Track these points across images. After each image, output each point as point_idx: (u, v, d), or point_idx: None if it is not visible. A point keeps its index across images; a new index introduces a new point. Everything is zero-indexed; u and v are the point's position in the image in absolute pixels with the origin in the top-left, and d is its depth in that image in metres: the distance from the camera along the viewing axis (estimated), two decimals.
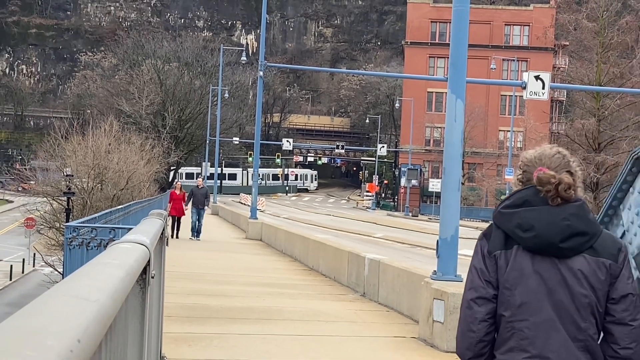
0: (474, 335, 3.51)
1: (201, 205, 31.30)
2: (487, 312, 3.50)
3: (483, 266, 3.56)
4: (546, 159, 3.58)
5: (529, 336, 3.43)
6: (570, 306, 3.42)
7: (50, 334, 1.49)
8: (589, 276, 3.44)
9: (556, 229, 3.42)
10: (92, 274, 2.40)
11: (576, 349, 3.40)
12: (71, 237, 12.24)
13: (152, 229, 5.25)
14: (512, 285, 3.47)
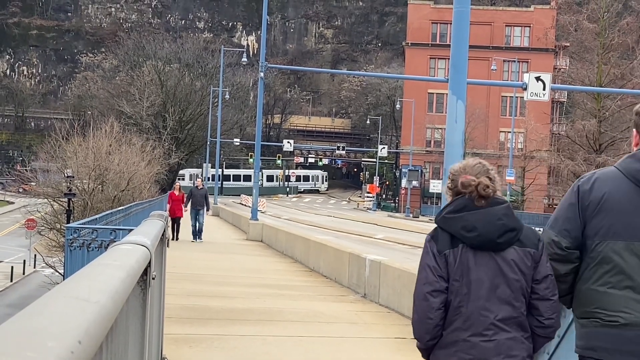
0: (431, 321, 4.16)
1: (200, 206, 30.52)
2: (441, 302, 4.15)
3: (435, 264, 4.18)
4: (469, 168, 4.30)
5: (471, 318, 4.10)
6: (506, 290, 4.13)
7: (51, 335, 1.49)
8: (519, 264, 4.16)
9: (494, 228, 4.12)
10: (92, 275, 2.40)
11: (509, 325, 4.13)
12: (72, 238, 12.25)
13: (153, 230, 5.25)
14: (459, 277, 4.13)
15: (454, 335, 4.13)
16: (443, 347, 4.18)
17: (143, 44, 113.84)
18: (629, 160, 4.03)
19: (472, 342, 4.10)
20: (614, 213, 3.98)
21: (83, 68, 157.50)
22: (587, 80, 66.55)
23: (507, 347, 4.10)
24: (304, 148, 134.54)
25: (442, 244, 4.18)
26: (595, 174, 4.13)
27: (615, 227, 3.97)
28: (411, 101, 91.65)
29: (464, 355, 4.10)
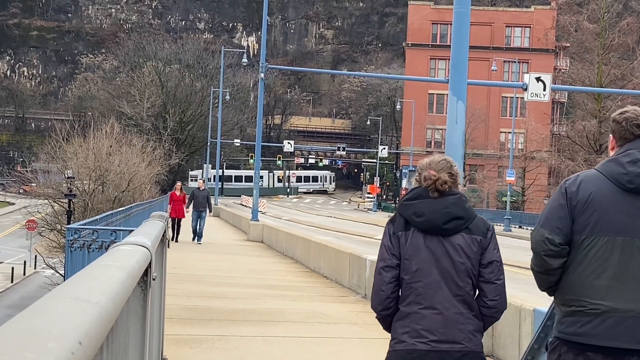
0: (383, 293, 4.70)
1: (202, 207, 29.85)
2: (392, 277, 4.68)
3: (390, 244, 4.72)
4: (434, 164, 4.80)
5: (422, 293, 4.62)
6: (452, 271, 4.63)
7: (51, 336, 1.48)
8: (465, 249, 4.65)
9: (439, 215, 4.65)
10: (93, 276, 2.40)
11: (456, 302, 4.62)
12: (72, 239, 12.24)
13: (154, 231, 5.24)
14: (410, 256, 4.65)
15: (408, 308, 4.65)
16: (400, 319, 4.68)
17: (143, 45, 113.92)
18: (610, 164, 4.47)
19: (423, 314, 4.61)
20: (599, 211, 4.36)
21: (83, 69, 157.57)
22: (588, 80, 66.53)
23: (454, 321, 4.59)
24: (304, 149, 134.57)
25: (397, 227, 4.76)
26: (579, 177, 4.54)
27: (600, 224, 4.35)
28: (411, 102, 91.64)
29: (415, 325, 4.61)
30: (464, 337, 4.60)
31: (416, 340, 4.58)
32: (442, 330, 4.57)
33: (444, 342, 4.56)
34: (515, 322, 9.68)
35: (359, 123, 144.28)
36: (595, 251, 4.34)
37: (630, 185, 4.35)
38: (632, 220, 4.33)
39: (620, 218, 4.33)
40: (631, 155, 4.42)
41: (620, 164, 4.42)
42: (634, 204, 4.34)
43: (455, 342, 4.58)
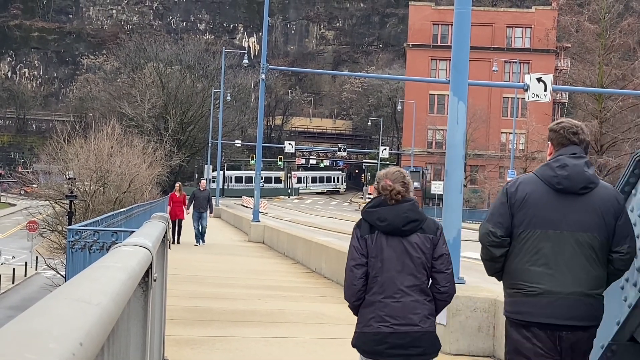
0: (355, 287, 5.62)
1: (203, 209, 29.21)
2: (362, 273, 5.56)
3: (358, 245, 5.59)
4: (389, 175, 5.67)
5: (383, 284, 5.51)
6: (411, 265, 5.51)
7: (52, 337, 1.49)
8: (420, 246, 5.54)
9: (400, 219, 5.51)
10: (94, 277, 2.40)
11: (413, 291, 5.50)
12: (74, 240, 12.25)
13: (155, 232, 5.25)
14: (375, 255, 5.53)
15: (373, 297, 5.55)
16: (366, 307, 5.62)
17: (144, 46, 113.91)
18: (544, 168, 5.30)
19: (385, 302, 5.51)
20: (534, 209, 5.19)
21: (84, 70, 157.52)
22: (589, 81, 66.49)
23: (411, 307, 5.50)
24: (305, 149, 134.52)
25: (363, 230, 5.62)
26: (519, 179, 5.39)
27: (534, 219, 5.18)
28: (412, 102, 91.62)
29: (379, 312, 5.53)
30: (420, 320, 5.51)
31: (381, 325, 5.53)
32: (401, 315, 5.49)
33: (403, 325, 5.49)
34: None
35: (359, 124, 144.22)
36: (531, 242, 5.17)
37: (559, 187, 5.19)
38: (562, 216, 5.15)
39: (552, 214, 5.16)
40: (560, 160, 5.25)
41: (551, 168, 5.25)
42: (563, 202, 5.16)
43: (413, 324, 5.50)
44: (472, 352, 10.36)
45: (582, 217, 5.17)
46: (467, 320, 10.38)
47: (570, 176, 5.21)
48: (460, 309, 10.39)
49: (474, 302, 10.44)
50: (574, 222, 5.16)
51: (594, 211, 5.18)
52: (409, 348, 5.51)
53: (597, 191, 5.25)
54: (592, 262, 5.13)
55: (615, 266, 5.18)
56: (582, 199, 5.20)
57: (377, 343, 5.58)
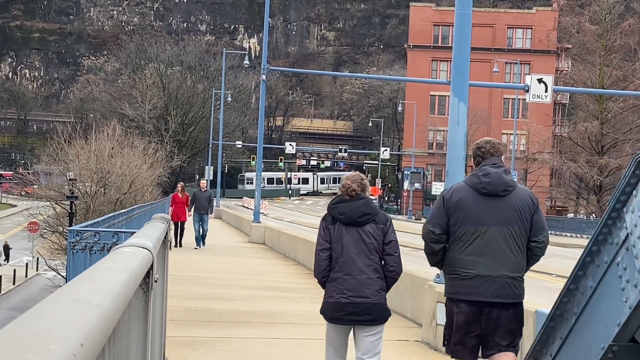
0: (321, 267, 6.97)
1: (204, 210, 27.90)
2: (327, 256, 6.92)
3: (324, 233, 6.94)
4: (350, 177, 7.11)
5: (343, 265, 6.84)
6: (365, 249, 6.84)
7: (53, 338, 1.49)
8: (372, 234, 6.88)
9: (355, 213, 6.87)
10: (95, 278, 2.40)
11: (367, 270, 6.82)
12: (74, 241, 12.24)
13: (155, 233, 5.25)
14: (337, 241, 6.88)
15: (335, 275, 6.91)
16: (330, 282, 6.97)
17: (145, 47, 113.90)
18: (472, 177, 6.68)
19: (344, 279, 6.86)
20: (465, 210, 6.53)
21: (85, 71, 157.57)
22: (589, 82, 66.48)
23: (365, 283, 6.82)
24: (306, 150, 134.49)
25: (327, 222, 6.99)
26: (453, 188, 6.81)
27: (466, 219, 6.51)
28: (413, 103, 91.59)
29: (339, 286, 6.88)
30: (371, 294, 6.85)
31: (340, 296, 6.88)
32: (356, 289, 6.82)
33: (357, 297, 6.83)
34: None
35: (360, 125, 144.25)
36: (465, 236, 6.52)
37: (484, 191, 6.57)
38: (488, 215, 6.50)
39: (479, 214, 6.51)
40: (484, 170, 6.68)
41: (477, 176, 6.66)
42: (488, 203, 6.53)
43: (365, 297, 6.84)
44: None
45: (503, 214, 6.53)
46: None
47: (492, 182, 6.60)
48: None
49: None
50: (498, 219, 6.52)
51: (513, 209, 6.55)
52: (361, 315, 6.90)
53: (515, 193, 6.64)
54: (513, 250, 6.52)
55: (534, 252, 6.66)
56: (503, 199, 6.58)
57: (337, 310, 6.97)
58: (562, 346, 5.39)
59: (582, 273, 5.31)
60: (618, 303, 5.23)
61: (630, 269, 5.22)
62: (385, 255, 6.93)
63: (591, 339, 5.18)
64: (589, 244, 5.25)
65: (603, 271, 5.19)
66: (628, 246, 5.04)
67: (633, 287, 5.10)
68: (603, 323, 5.12)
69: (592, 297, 5.22)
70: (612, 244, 5.18)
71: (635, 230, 5.28)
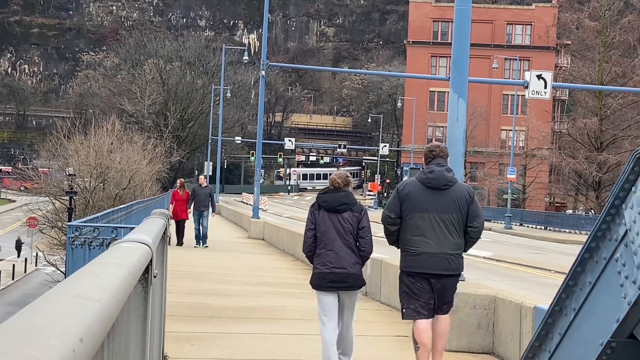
0: (307, 243, 8.52)
1: (204, 207, 26.58)
2: (312, 235, 8.47)
3: (311, 217, 8.52)
4: (337, 174, 8.71)
5: (326, 243, 8.35)
6: (342, 231, 8.34)
7: (53, 333, 1.49)
8: (349, 220, 8.37)
9: (335, 202, 8.40)
10: (94, 273, 2.40)
11: (345, 247, 8.32)
12: (73, 236, 12.25)
13: (155, 228, 5.25)
14: (320, 224, 8.40)
15: (320, 251, 8.44)
16: (316, 257, 8.48)
17: (144, 42, 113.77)
18: (421, 174, 8.29)
19: (327, 254, 8.39)
20: (414, 200, 8.18)
21: (84, 66, 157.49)
22: (589, 78, 66.44)
23: (343, 257, 8.36)
24: (305, 146, 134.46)
25: (315, 208, 8.55)
26: (405, 182, 8.49)
27: (415, 206, 8.16)
28: (412, 99, 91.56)
29: (323, 259, 8.41)
30: (348, 265, 8.39)
31: (324, 268, 8.41)
32: (336, 262, 8.38)
33: (337, 268, 8.37)
34: (516, 319, 9.69)
35: (360, 120, 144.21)
36: (413, 221, 8.17)
37: (429, 185, 8.20)
38: (431, 204, 8.13)
39: (425, 203, 8.16)
40: (430, 168, 8.27)
41: (425, 173, 8.29)
42: (432, 195, 8.17)
43: (343, 268, 8.38)
44: (472, 349, 10.37)
45: (444, 204, 8.16)
46: (467, 317, 10.39)
47: (435, 178, 8.20)
48: (460, 306, 10.39)
49: (473, 299, 10.45)
50: (439, 207, 8.14)
51: (452, 200, 8.17)
52: (340, 283, 8.41)
53: (455, 187, 8.25)
54: (452, 233, 8.15)
55: (470, 236, 8.25)
56: (444, 192, 8.20)
57: (320, 279, 8.46)
58: (561, 342, 5.40)
59: (580, 269, 5.32)
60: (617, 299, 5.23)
61: (629, 265, 5.23)
62: (359, 238, 8.45)
63: (590, 335, 5.19)
64: (587, 240, 5.26)
65: (602, 267, 5.19)
66: (627, 242, 5.05)
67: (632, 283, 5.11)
68: (602, 319, 5.13)
69: (591, 293, 5.23)
70: (610, 240, 5.18)
71: (634, 227, 5.29)
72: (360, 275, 8.48)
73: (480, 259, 28.14)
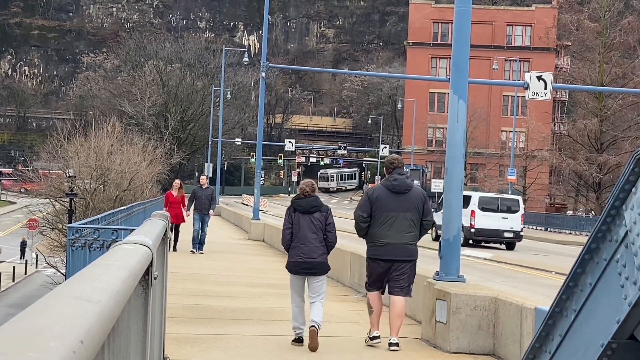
0: (286, 239, 10.54)
1: (205, 210, 24.96)
2: (289, 232, 10.44)
3: (288, 218, 10.48)
4: (305, 182, 10.73)
5: (300, 238, 10.36)
6: (314, 228, 10.36)
7: (53, 335, 1.49)
8: (319, 218, 10.40)
9: (307, 205, 10.38)
10: (94, 275, 2.40)
11: (314, 241, 10.32)
12: (74, 238, 12.26)
13: (155, 230, 5.25)
14: (296, 223, 10.40)
15: (295, 244, 10.40)
16: (292, 249, 10.45)
17: (144, 44, 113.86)
18: (385, 181, 10.45)
19: (300, 246, 10.34)
20: (381, 202, 10.27)
21: (84, 68, 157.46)
22: (589, 79, 66.47)
23: (313, 249, 10.33)
24: (305, 148, 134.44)
25: (290, 210, 10.49)
26: (374, 188, 10.66)
27: (382, 207, 10.26)
28: (412, 100, 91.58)
29: (297, 251, 10.37)
30: (317, 256, 10.38)
31: (298, 257, 10.39)
32: (308, 253, 10.34)
33: (309, 258, 10.35)
34: (516, 321, 9.69)
35: (360, 122, 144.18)
36: (381, 218, 10.30)
37: (394, 190, 10.34)
38: (395, 205, 10.28)
39: (391, 205, 10.29)
40: (394, 176, 10.46)
41: (389, 180, 10.47)
42: (395, 198, 10.32)
43: (313, 258, 10.35)
44: (473, 350, 10.37)
45: (405, 204, 10.38)
46: (468, 319, 10.39)
47: (398, 184, 10.43)
48: (460, 307, 10.39)
49: (474, 300, 10.45)
50: (402, 207, 10.37)
51: (411, 201, 10.42)
52: (310, 269, 10.43)
53: (413, 191, 10.52)
54: (411, 227, 10.40)
55: (424, 227, 10.58)
56: (405, 195, 10.43)
57: (296, 266, 10.50)
58: (561, 343, 5.40)
59: (581, 270, 5.32)
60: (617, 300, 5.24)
61: (630, 266, 5.23)
62: (326, 232, 10.47)
63: (590, 336, 5.19)
64: (588, 242, 5.26)
65: (602, 268, 5.19)
66: (627, 243, 5.05)
67: (632, 285, 5.11)
68: (602, 320, 5.13)
69: (591, 295, 5.24)
70: (611, 242, 5.18)
71: (634, 228, 5.29)
72: (326, 263, 10.56)
73: (480, 260, 28.15)
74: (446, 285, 10.80)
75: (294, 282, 10.69)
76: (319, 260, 10.36)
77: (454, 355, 10.18)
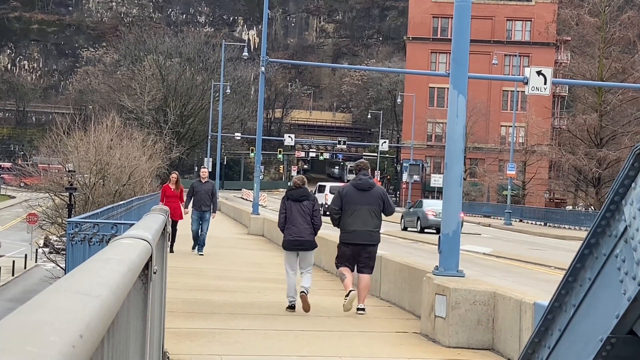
0: (281, 222, 13.09)
1: (205, 206, 22.48)
2: (284, 217, 13.01)
3: (284, 205, 13.06)
4: (297, 177, 13.65)
5: (292, 221, 12.91)
6: (303, 213, 12.94)
7: (53, 329, 1.49)
8: (307, 206, 13.02)
9: (298, 195, 13.03)
10: (94, 270, 2.40)
11: (304, 223, 12.92)
12: (73, 232, 12.26)
13: (154, 225, 5.25)
14: (289, 209, 12.99)
15: (288, 225, 12.88)
16: (286, 230, 12.90)
17: (144, 39, 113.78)
18: (353, 181, 13.23)
19: (292, 227, 12.83)
20: (349, 197, 12.90)
21: (84, 62, 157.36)
22: (589, 74, 66.42)
23: (303, 230, 12.84)
24: (305, 142, 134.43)
25: (284, 199, 13.08)
26: (344, 187, 13.57)
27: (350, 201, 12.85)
28: (412, 95, 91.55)
29: (290, 231, 12.85)
30: (306, 235, 12.79)
31: (290, 237, 12.78)
32: (298, 233, 12.72)
33: (298, 236, 12.76)
34: (515, 316, 9.70)
35: (359, 117, 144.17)
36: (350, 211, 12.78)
37: (359, 188, 12.86)
38: (360, 200, 12.77)
39: (356, 199, 12.78)
40: (359, 177, 13.02)
41: (356, 180, 13.05)
42: (360, 194, 12.81)
43: (302, 237, 12.76)
44: (472, 345, 10.38)
45: (369, 199, 12.75)
46: (467, 313, 10.40)
47: (363, 183, 12.85)
48: (459, 302, 10.40)
49: (473, 295, 10.46)
50: (365, 202, 12.72)
51: (373, 197, 12.78)
52: (300, 246, 12.79)
53: (375, 189, 12.91)
54: (373, 217, 12.77)
55: (386, 217, 13.42)
56: (368, 192, 12.80)
57: (289, 244, 12.84)
58: (561, 338, 5.41)
59: (580, 265, 5.33)
60: (616, 295, 5.24)
61: (629, 261, 5.24)
62: (313, 217, 12.83)
63: (589, 331, 5.20)
64: (587, 237, 5.27)
65: (601, 263, 5.20)
66: (627, 238, 5.05)
67: (631, 279, 5.12)
68: (601, 315, 5.14)
69: (591, 290, 5.24)
70: (610, 237, 5.18)
71: (634, 223, 5.29)
72: (314, 241, 12.97)
73: (480, 255, 28.16)
74: (445, 280, 10.80)
75: (287, 257, 12.98)
76: (307, 238, 12.78)
77: (453, 350, 10.19)
